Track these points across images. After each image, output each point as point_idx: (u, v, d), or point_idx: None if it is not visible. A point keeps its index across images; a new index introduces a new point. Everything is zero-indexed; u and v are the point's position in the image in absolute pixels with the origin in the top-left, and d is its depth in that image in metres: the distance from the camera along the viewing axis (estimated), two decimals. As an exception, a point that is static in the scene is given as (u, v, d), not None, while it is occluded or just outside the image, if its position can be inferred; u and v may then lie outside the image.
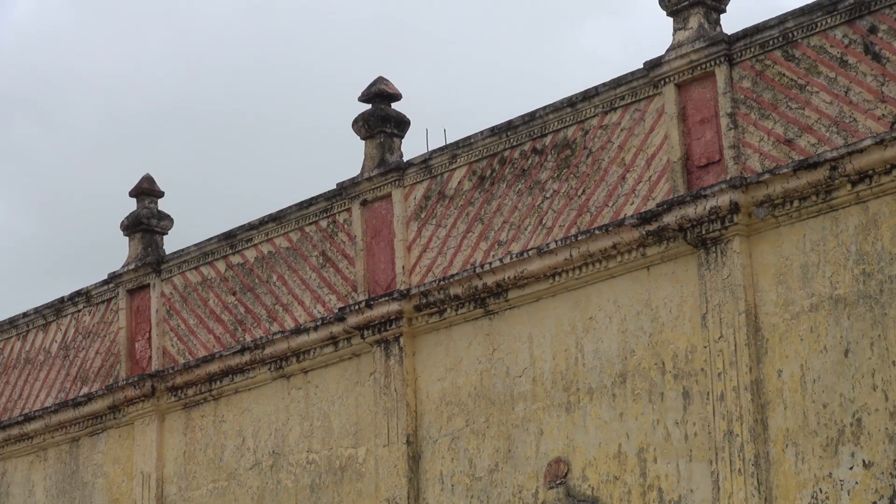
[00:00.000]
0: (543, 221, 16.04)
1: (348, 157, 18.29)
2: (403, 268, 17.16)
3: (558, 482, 15.50)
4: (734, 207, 14.38)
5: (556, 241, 15.77)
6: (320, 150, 42.80)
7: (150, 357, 19.72)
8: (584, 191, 15.80)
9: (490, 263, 16.29)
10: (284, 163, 45.63)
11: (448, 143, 17.45)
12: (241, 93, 55.84)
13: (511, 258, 16.12)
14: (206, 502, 18.78)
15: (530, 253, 15.95)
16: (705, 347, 14.58)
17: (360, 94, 18.19)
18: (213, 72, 57.31)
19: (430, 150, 17.65)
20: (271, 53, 57.96)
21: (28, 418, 21.01)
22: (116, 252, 20.77)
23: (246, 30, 61.21)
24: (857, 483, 13.42)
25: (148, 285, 20.04)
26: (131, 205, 20.63)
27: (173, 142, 53.41)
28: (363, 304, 17.21)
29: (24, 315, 21.91)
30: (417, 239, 17.17)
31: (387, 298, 17.01)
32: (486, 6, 59.64)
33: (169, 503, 19.20)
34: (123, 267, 20.40)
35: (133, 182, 20.82)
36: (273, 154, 51.58)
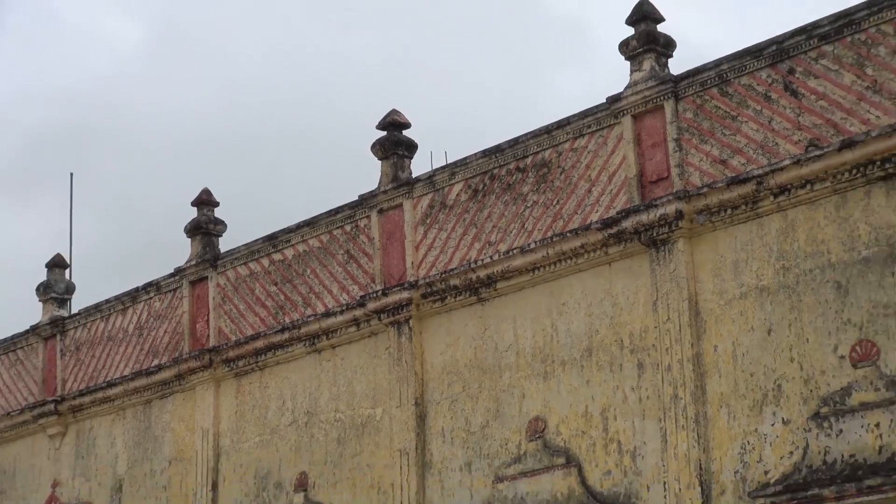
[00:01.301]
0: (525, 226, 16.01)
1: (368, 174, 18.20)
2: (412, 263, 17.13)
3: (537, 436, 15.47)
4: (679, 215, 14.36)
5: (535, 242, 15.75)
6: (345, 168, 42.71)
7: (208, 335, 19.69)
8: (557, 201, 15.76)
9: (482, 260, 16.26)
10: (316, 178, 45.53)
11: (448, 162, 17.49)
12: (278, 121, 56.07)
13: (499, 256, 16.09)
14: (253, 452, 18.77)
15: (514, 251, 15.93)
16: (656, 328, 14.57)
17: (377, 122, 18.17)
18: (255, 104, 57.54)
19: (433, 168, 17.68)
20: (303, 88, 58.09)
21: (110, 384, 20.98)
22: (181, 251, 20.75)
23: (282, 69, 61.23)
24: (777, 437, 13.43)
25: (206, 277, 20.02)
26: (192, 213, 20.60)
27: (225, 161, 53.55)
28: (380, 292, 17.18)
29: (107, 301, 21.88)
30: (423, 240, 17.14)
31: (399, 288, 16.98)
32: (479, 56, 59.90)
33: (223, 453, 19.19)
34: (186, 263, 20.37)
35: (194, 194, 20.81)
36: (306, 171, 51.65)
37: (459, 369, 16.45)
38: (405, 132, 18.03)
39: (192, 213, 20.61)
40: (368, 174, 18.14)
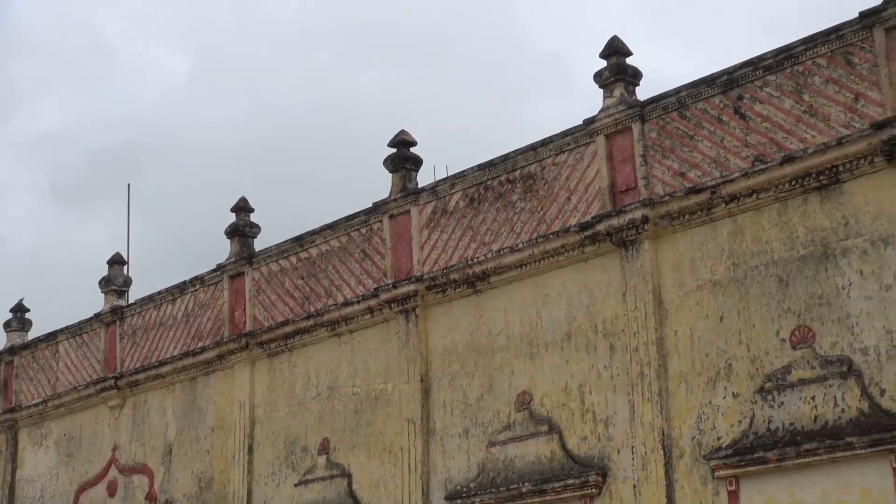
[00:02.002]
0: (514, 229, 15.98)
1: (380, 185, 18.19)
2: (418, 261, 17.10)
3: (524, 407, 15.45)
4: (645, 219, 14.36)
5: (522, 243, 15.72)
6: (361, 180, 42.87)
7: (245, 322, 19.68)
8: (541, 208, 15.74)
9: (477, 258, 16.23)
10: (336, 188, 45.62)
11: (448, 175, 17.44)
12: (304, 140, 56.55)
13: (492, 254, 16.06)
14: (283, 421, 18.75)
15: (505, 250, 15.90)
16: (625, 315, 14.56)
17: (388, 141, 18.15)
18: (284, 126, 58.09)
19: (436, 180, 17.62)
20: (326, 112, 58.49)
21: (161, 363, 20.97)
22: (221, 250, 20.73)
23: (307, 96, 61.55)
24: (728, 408, 13.45)
25: (243, 272, 20.00)
26: (231, 217, 20.59)
27: (259, 174, 53.83)
28: (391, 285, 17.16)
29: (159, 293, 21.86)
30: (427, 241, 17.12)
31: (407, 282, 16.96)
32: (474, 85, 60.22)
33: (258, 422, 19.17)
34: (226, 260, 20.35)
35: (232, 202, 20.80)
36: (328, 182, 51.79)
37: (458, 351, 16.43)
38: (412, 149, 18.02)
39: (231, 217, 20.60)
40: (381, 185, 18.16)
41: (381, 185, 18.08)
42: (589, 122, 15.35)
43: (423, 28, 62.30)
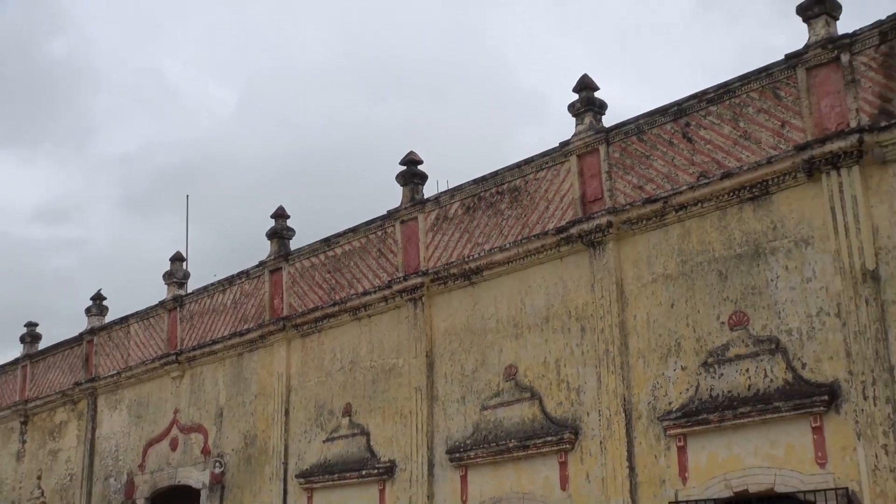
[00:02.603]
0: (502, 232, 16.01)
1: (392, 196, 18.26)
2: (424, 258, 17.14)
3: (511, 378, 15.48)
4: (609, 224, 14.39)
5: (509, 243, 15.75)
6: (377, 192, 43.10)
7: (282, 308, 19.72)
8: (525, 215, 15.77)
9: (472, 256, 16.26)
10: (356, 199, 45.95)
11: (448, 188, 17.45)
12: (331, 158, 57.63)
13: (484, 253, 16.10)
14: (314, 388, 18.79)
15: (495, 250, 15.92)
16: (593, 303, 14.57)
17: (399, 160, 18.19)
18: (314, 148, 59.07)
19: (438, 192, 17.66)
20: (348, 137, 59.76)
21: (214, 342, 21.02)
22: (263, 249, 20.79)
23: (334, 124, 62.34)
24: (677, 378, 13.49)
25: (281, 268, 20.04)
26: (271, 222, 20.64)
27: (293, 187, 54.59)
28: (402, 278, 17.20)
29: (212, 285, 21.91)
30: (432, 242, 17.15)
31: (415, 275, 16.99)
32: (469, 114, 61.21)
33: (293, 389, 19.20)
34: (267, 258, 20.38)
35: (272, 209, 20.86)
36: (350, 194, 52.50)
37: (457, 331, 16.46)
38: (419, 167, 18.03)
39: (271, 222, 20.63)
40: (393, 196, 18.20)
41: (393, 196, 18.15)
42: (564, 144, 15.38)
43: (426, 68, 63.68)
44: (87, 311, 25.68)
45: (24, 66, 68.97)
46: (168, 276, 23.30)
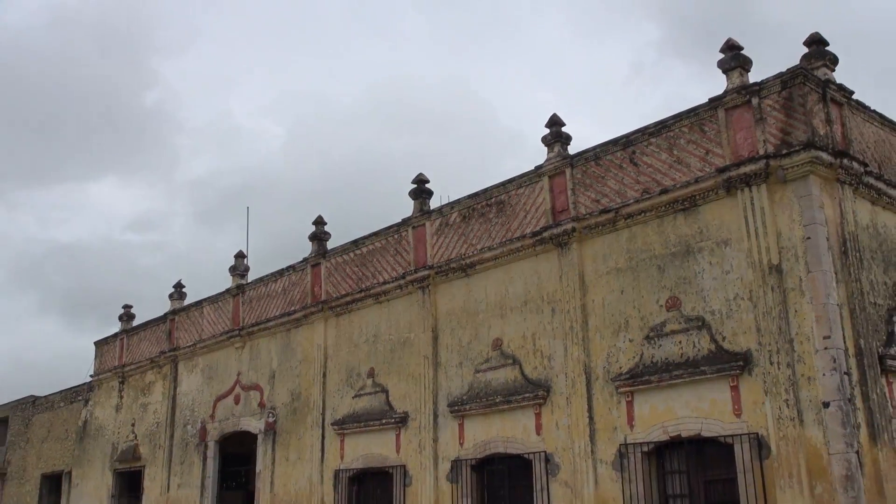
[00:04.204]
0: (491, 235, 15.98)
1: (405, 207, 18.30)
2: (430, 255, 17.10)
3: (497, 348, 15.45)
4: (573, 229, 14.36)
5: (496, 244, 15.72)
6: (394, 205, 43.48)
7: (321, 294, 19.70)
8: (508, 222, 15.73)
9: (468, 254, 16.23)
10: (377, 210, 46.29)
11: (450, 201, 17.42)
12: (356, 181, 59.08)
13: (476, 251, 16.07)
14: (344, 356, 18.76)
15: (485, 249, 15.89)
16: (561, 290, 14.54)
17: (411, 179, 18.18)
18: (344, 174, 60.21)
19: (441, 204, 17.62)
20: (370, 162, 60.97)
21: (268, 320, 20.99)
22: (305, 249, 20.77)
23: (360, 154, 63.17)
24: (626, 349, 13.45)
25: (320, 263, 20.01)
26: (311, 228, 20.63)
27: (329, 201, 55.38)
28: (413, 271, 17.17)
29: (267, 276, 21.89)
30: (436, 243, 17.12)
31: (423, 269, 16.96)
32: (463, 148, 62.79)
33: (329, 357, 19.19)
34: (309, 255, 20.35)
35: (312, 218, 20.85)
36: (372, 207, 53.19)
37: (456, 312, 16.43)
38: (426, 185, 18.02)
39: (312, 228, 20.62)
40: (406, 208, 18.20)
41: (406, 207, 18.15)
42: (538, 167, 15.34)
43: (431, 110, 65.60)
44: (170, 296, 25.66)
45: (124, 113, 71.70)
46: (232, 270, 23.27)
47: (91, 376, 28.36)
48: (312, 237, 20.43)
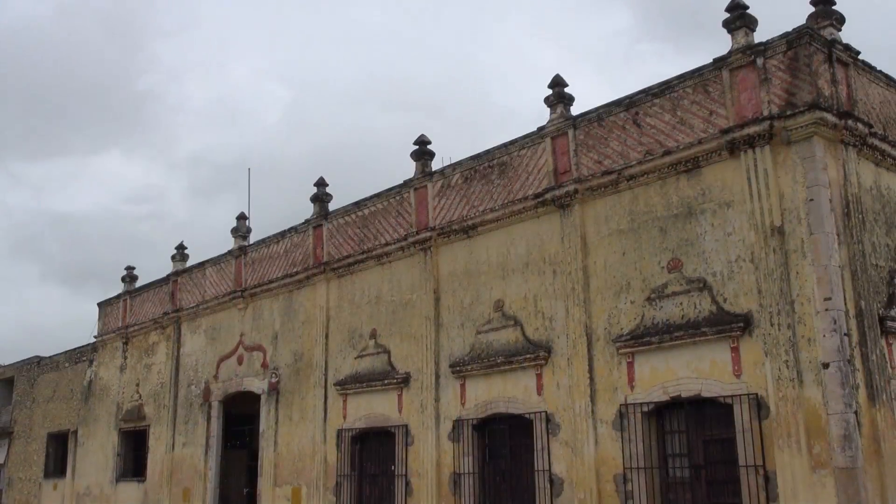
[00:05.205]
0: (493, 196, 15.91)
1: (408, 169, 18.28)
2: (432, 217, 17.06)
3: (499, 309, 15.49)
4: (576, 191, 14.31)
5: (498, 206, 15.68)
6: (396, 166, 43.74)
7: (323, 255, 19.71)
8: (510, 184, 15.66)
9: (470, 215, 16.20)
10: (380, 172, 46.38)
11: (452, 162, 17.33)
12: (358, 145, 58.96)
13: (478, 213, 16.03)
14: (347, 318, 18.83)
15: (487, 210, 15.86)
16: (563, 251, 14.53)
17: (413, 140, 18.07)
18: (346, 143, 59.89)
19: (443, 165, 17.54)
20: (373, 133, 61.24)
21: (270, 281, 21.04)
22: (307, 210, 20.79)
23: (359, 126, 63.13)
24: (627, 310, 13.48)
25: (321, 224, 19.98)
26: (313, 190, 20.59)
27: (332, 164, 56.54)
28: (415, 232, 17.15)
29: (269, 237, 21.87)
30: (438, 204, 17.07)
31: (425, 230, 16.95)
32: (453, 129, 62.24)
33: (331, 318, 19.25)
34: (311, 216, 20.33)
35: (307, 195, 20.82)
36: (376, 168, 53.33)
37: (457, 273, 16.45)
38: (428, 146, 17.92)
39: (314, 189, 20.55)
40: (408, 169, 18.14)
41: (408, 169, 18.08)
42: (541, 129, 15.25)
43: (426, 87, 66.17)
44: (172, 257, 25.68)
45: (124, 95, 74.08)
46: (234, 232, 23.26)
47: (95, 337, 28.53)
48: (314, 198, 20.36)
